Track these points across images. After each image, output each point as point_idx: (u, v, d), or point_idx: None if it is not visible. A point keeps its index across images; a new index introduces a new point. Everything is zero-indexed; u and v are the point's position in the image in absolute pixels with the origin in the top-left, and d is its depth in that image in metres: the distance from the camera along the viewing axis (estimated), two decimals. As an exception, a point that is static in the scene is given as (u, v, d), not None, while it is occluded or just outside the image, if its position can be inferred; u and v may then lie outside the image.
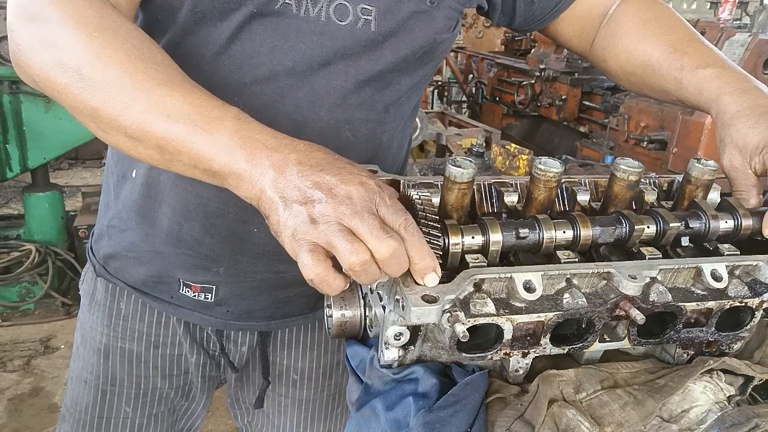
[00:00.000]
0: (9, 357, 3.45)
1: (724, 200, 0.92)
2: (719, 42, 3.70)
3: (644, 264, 0.79)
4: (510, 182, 0.99)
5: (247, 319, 1.18)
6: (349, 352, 0.96)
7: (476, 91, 7.14)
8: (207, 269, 1.10)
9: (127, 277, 1.19)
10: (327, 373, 1.33)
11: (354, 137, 1.01)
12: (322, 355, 1.31)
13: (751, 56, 3.53)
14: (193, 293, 1.14)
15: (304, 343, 1.29)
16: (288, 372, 1.31)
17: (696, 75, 1.00)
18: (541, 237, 0.81)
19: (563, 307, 0.75)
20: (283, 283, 1.14)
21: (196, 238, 1.06)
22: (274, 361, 1.31)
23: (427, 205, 0.77)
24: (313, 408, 1.35)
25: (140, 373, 1.26)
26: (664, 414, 0.77)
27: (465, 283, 0.72)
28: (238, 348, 1.27)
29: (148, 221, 1.10)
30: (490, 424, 0.76)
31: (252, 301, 1.16)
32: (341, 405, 1.39)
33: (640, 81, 1.14)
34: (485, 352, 0.76)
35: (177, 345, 1.24)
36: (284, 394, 1.34)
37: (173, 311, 1.19)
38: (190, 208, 1.03)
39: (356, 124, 1.00)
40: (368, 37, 0.95)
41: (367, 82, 0.99)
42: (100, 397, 1.26)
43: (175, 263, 1.11)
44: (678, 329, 0.81)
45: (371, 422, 0.83)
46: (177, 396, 1.32)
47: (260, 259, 1.08)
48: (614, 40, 1.15)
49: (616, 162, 0.87)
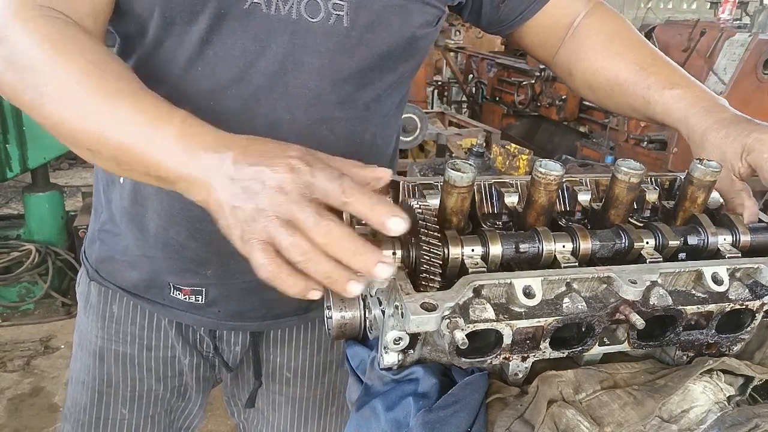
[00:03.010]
0: (9, 357, 3.46)
1: (725, 215, 0.92)
2: (719, 42, 3.71)
3: (645, 268, 0.79)
4: (510, 182, 0.99)
5: (239, 319, 1.18)
6: (349, 353, 0.96)
7: (476, 91, 7.15)
8: (195, 272, 1.11)
9: (119, 280, 1.20)
10: (320, 372, 1.34)
11: (334, 136, 1.00)
12: (315, 354, 1.32)
13: (751, 56, 3.54)
14: (184, 296, 1.14)
15: (297, 342, 1.29)
16: (281, 370, 1.32)
17: (663, 95, 1.02)
18: (541, 250, 0.82)
19: (563, 312, 0.75)
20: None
21: (182, 243, 1.07)
22: (267, 360, 1.31)
23: (427, 216, 0.77)
24: (306, 405, 1.36)
25: (135, 376, 1.27)
26: (664, 414, 0.77)
27: (464, 289, 0.72)
28: (232, 348, 1.27)
29: (137, 226, 1.10)
30: (489, 424, 0.76)
31: (242, 303, 1.16)
32: (336, 403, 1.39)
33: (606, 97, 1.15)
34: (485, 357, 0.76)
35: (170, 347, 1.25)
36: (278, 392, 1.35)
37: (165, 313, 1.20)
38: (174, 213, 1.04)
39: (335, 123, 0.99)
40: (342, 34, 0.93)
41: (345, 80, 0.97)
42: (96, 398, 1.27)
43: (164, 267, 1.12)
44: (678, 332, 0.81)
45: (371, 422, 0.83)
46: (173, 397, 1.32)
47: (246, 260, 1.07)
48: (579, 56, 1.16)
49: (617, 164, 0.87)
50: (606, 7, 1.20)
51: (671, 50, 4.03)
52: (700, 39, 3.81)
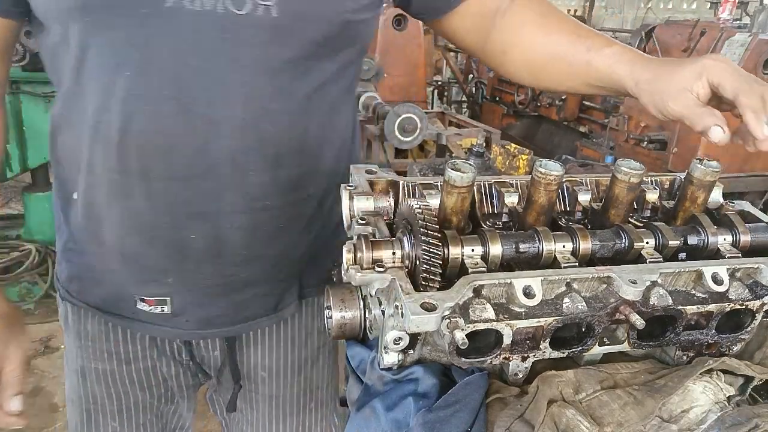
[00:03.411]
0: (9, 357, 3.45)
1: (725, 216, 0.92)
2: (719, 42, 3.71)
3: (645, 268, 0.79)
4: (510, 182, 0.99)
5: (208, 326, 1.17)
6: (350, 353, 0.96)
7: (476, 91, 7.15)
8: (157, 281, 1.09)
9: (88, 298, 1.19)
10: (295, 369, 1.33)
11: (275, 129, 0.98)
12: (289, 352, 1.31)
13: (751, 56, 3.53)
14: (150, 307, 1.12)
15: (270, 341, 1.28)
16: (256, 369, 1.31)
17: (604, 53, 1.02)
18: (541, 250, 0.82)
19: (563, 312, 0.75)
20: (237, 286, 1.12)
21: (139, 252, 1.05)
22: (242, 360, 1.30)
23: (427, 216, 0.77)
24: (284, 403, 1.36)
25: (118, 390, 1.26)
26: (664, 414, 0.77)
27: (464, 289, 0.72)
28: (210, 353, 1.27)
29: (95, 240, 1.09)
30: (489, 424, 0.76)
31: (209, 308, 1.14)
32: (314, 399, 1.39)
33: (543, 72, 1.14)
34: (485, 357, 0.76)
35: (148, 358, 1.24)
36: (254, 391, 1.34)
37: (136, 327, 1.18)
38: (126, 222, 1.02)
39: (275, 115, 0.97)
40: (271, 24, 0.91)
41: (281, 71, 0.95)
42: (85, 417, 1.28)
43: (127, 279, 1.10)
44: (678, 332, 0.81)
45: (371, 422, 0.83)
46: (161, 403, 1.32)
47: (205, 264, 1.06)
48: (515, 32, 1.15)
49: (617, 164, 0.87)
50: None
51: (671, 50, 4.03)
52: (700, 39, 3.81)
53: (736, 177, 3.68)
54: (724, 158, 3.42)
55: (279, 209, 1.05)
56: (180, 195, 0.98)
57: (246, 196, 1.00)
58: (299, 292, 1.24)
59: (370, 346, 0.92)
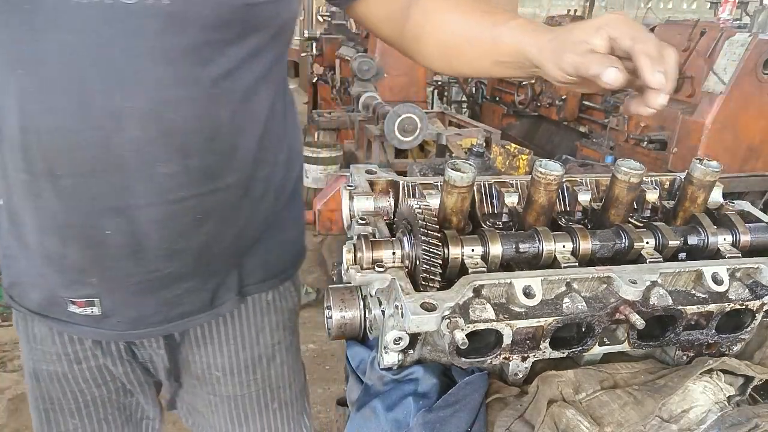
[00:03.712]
0: (9, 357, 3.46)
1: (725, 216, 0.92)
2: (719, 42, 3.71)
3: (645, 268, 0.79)
4: (510, 182, 0.99)
5: (141, 326, 1.14)
6: (350, 353, 0.96)
7: (476, 91, 7.15)
8: (82, 282, 1.07)
9: (26, 302, 1.18)
10: (249, 368, 1.30)
11: (181, 118, 0.95)
12: (240, 350, 1.28)
13: (751, 56, 3.53)
14: (80, 309, 1.10)
15: (219, 339, 1.26)
16: (209, 370, 1.29)
17: (509, 25, 1.01)
18: (541, 250, 0.82)
19: (563, 312, 0.75)
20: (165, 282, 1.09)
21: (60, 253, 1.03)
22: (194, 361, 1.28)
23: (427, 215, 0.77)
24: (243, 404, 1.33)
25: (73, 389, 1.25)
26: (664, 414, 0.77)
27: (464, 289, 0.72)
28: (156, 351, 1.24)
29: (22, 244, 1.08)
30: (489, 424, 0.76)
31: (139, 307, 1.11)
32: (277, 399, 1.36)
33: (454, 55, 1.13)
34: (485, 357, 0.76)
35: (97, 357, 1.22)
36: (212, 392, 1.32)
37: (72, 330, 1.17)
38: (43, 224, 1.01)
39: (179, 104, 0.95)
40: (163, 12, 0.88)
41: (180, 59, 0.92)
42: (44, 417, 1.27)
43: (55, 281, 1.09)
44: (678, 332, 0.81)
45: (371, 422, 0.83)
46: (119, 396, 1.30)
47: (126, 261, 1.04)
48: (426, 18, 1.14)
49: (617, 164, 0.87)
50: None
51: (671, 50, 4.03)
52: (700, 39, 3.81)
53: (736, 177, 3.68)
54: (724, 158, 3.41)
55: (195, 199, 1.02)
56: (89, 191, 0.96)
57: (157, 188, 0.98)
58: (238, 288, 1.22)
59: (370, 346, 0.92)
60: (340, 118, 5.15)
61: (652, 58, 0.79)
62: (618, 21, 0.85)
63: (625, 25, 0.84)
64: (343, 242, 0.82)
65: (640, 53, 0.80)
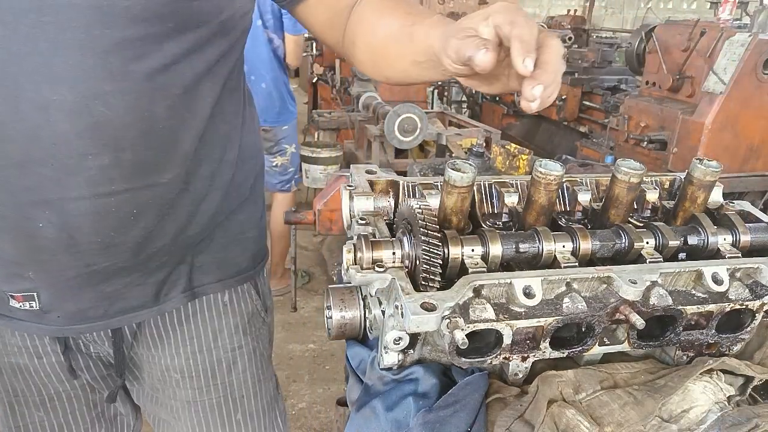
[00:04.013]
0: (9, 357, 3.45)
1: (725, 216, 0.92)
2: (719, 42, 3.70)
3: (645, 268, 0.79)
4: (510, 182, 0.99)
5: (82, 321, 1.12)
6: (350, 353, 0.96)
7: (476, 91, 7.15)
8: (19, 275, 1.06)
9: None
10: (209, 372, 1.28)
11: (111, 112, 0.94)
12: (198, 352, 1.26)
13: (751, 56, 3.53)
14: (19, 303, 1.09)
15: (175, 339, 1.24)
16: (168, 372, 1.26)
17: (424, 23, 1.00)
18: (541, 250, 0.82)
19: (563, 312, 0.75)
20: (103, 276, 1.08)
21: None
22: (153, 362, 1.26)
23: (427, 215, 0.77)
24: (204, 410, 1.30)
25: (37, 382, 1.23)
26: (664, 414, 0.77)
27: (464, 289, 0.72)
28: (101, 347, 1.22)
29: None
30: (489, 424, 0.76)
31: (77, 302, 1.10)
32: (241, 410, 1.32)
33: (380, 56, 1.12)
34: (485, 357, 0.76)
35: (57, 353, 1.20)
36: (172, 397, 1.29)
37: (14, 326, 1.15)
38: None
39: (109, 97, 0.93)
40: (91, 5, 0.87)
41: (111, 52, 0.91)
42: (9, 409, 1.25)
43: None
44: (678, 332, 0.81)
45: (371, 422, 0.83)
46: (87, 392, 1.28)
47: (61, 254, 1.02)
48: (360, 21, 1.14)
49: (617, 164, 0.87)
50: None
51: (671, 50, 4.03)
52: (700, 39, 3.80)
53: (736, 177, 3.68)
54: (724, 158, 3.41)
55: (128, 193, 1.01)
56: (20, 183, 0.95)
57: (89, 181, 0.97)
58: (188, 286, 1.19)
59: (370, 346, 0.92)
60: (340, 118, 5.15)
61: (524, 43, 0.75)
62: (503, 8, 0.81)
63: (508, 12, 0.80)
64: (343, 242, 0.82)
65: (513, 38, 0.76)
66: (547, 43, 0.78)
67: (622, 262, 0.85)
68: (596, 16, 12.58)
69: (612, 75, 5.63)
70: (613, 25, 12.77)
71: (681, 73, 3.91)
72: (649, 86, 4.20)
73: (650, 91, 4.19)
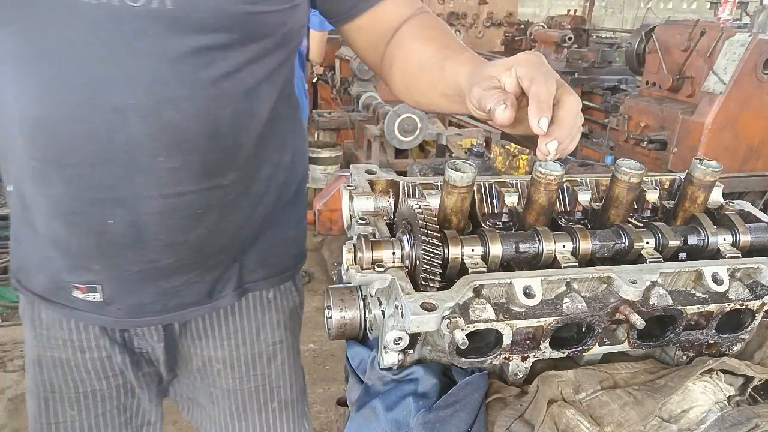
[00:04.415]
0: (9, 357, 3.46)
1: (725, 216, 0.92)
2: (719, 42, 3.71)
3: (645, 268, 0.79)
4: (510, 182, 0.99)
5: (141, 314, 1.18)
6: (350, 353, 0.96)
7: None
8: (85, 268, 1.11)
9: (33, 287, 1.21)
10: (250, 363, 1.34)
11: (181, 116, 1.00)
12: (241, 345, 1.32)
13: (751, 56, 3.53)
14: (83, 294, 1.14)
15: (221, 333, 1.30)
16: (210, 362, 1.32)
17: (456, 59, 1.04)
18: (541, 250, 0.82)
19: (563, 312, 0.75)
20: (164, 273, 1.13)
21: (65, 238, 1.08)
22: (195, 353, 1.32)
23: (427, 215, 0.77)
24: (242, 398, 1.36)
25: (75, 378, 1.27)
26: (664, 414, 0.77)
27: (464, 289, 0.72)
28: (156, 342, 1.27)
29: (30, 229, 1.12)
30: (489, 424, 0.76)
31: (138, 296, 1.15)
32: (276, 399, 1.39)
33: (412, 83, 1.16)
34: (485, 357, 0.76)
35: (102, 348, 1.25)
36: (212, 384, 1.35)
37: (75, 316, 1.20)
38: (50, 209, 1.05)
39: (180, 102, 0.99)
40: (167, 16, 0.93)
41: (181, 59, 0.97)
42: (44, 405, 1.28)
43: (60, 266, 1.13)
44: (678, 332, 0.81)
45: (371, 422, 0.83)
46: (120, 394, 1.32)
47: (127, 250, 1.08)
48: (398, 46, 1.18)
49: (617, 164, 0.87)
50: (431, 13, 1.23)
51: (671, 50, 4.03)
52: (700, 39, 3.81)
53: (736, 177, 3.68)
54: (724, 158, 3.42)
55: (194, 194, 1.06)
56: (94, 181, 1.00)
57: (158, 182, 1.02)
58: (238, 283, 1.25)
59: (370, 346, 0.92)
60: (340, 118, 5.16)
61: (540, 103, 0.78)
62: (527, 61, 0.85)
63: (530, 65, 0.84)
64: (343, 242, 0.82)
65: (531, 97, 0.80)
66: (564, 99, 0.82)
67: (622, 262, 0.85)
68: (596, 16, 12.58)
69: (612, 75, 5.64)
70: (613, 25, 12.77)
71: (681, 73, 3.91)
72: (649, 86, 4.20)
73: (650, 91, 4.19)
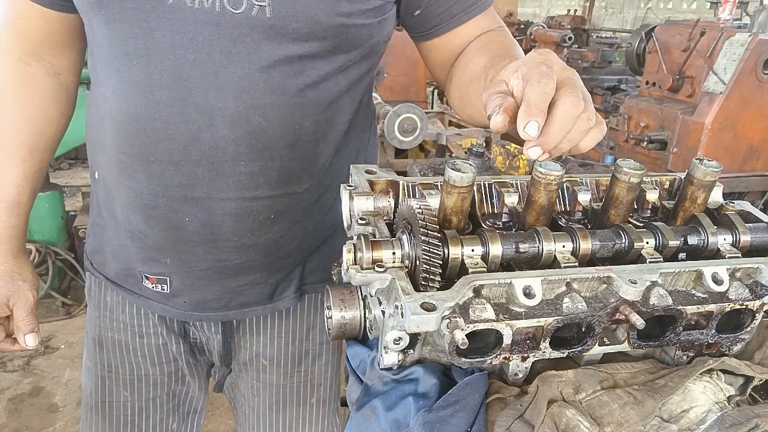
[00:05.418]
0: (9, 357, 3.46)
1: (725, 216, 0.92)
2: (719, 42, 3.70)
3: (645, 268, 0.79)
4: (510, 182, 0.99)
5: (204, 309, 1.22)
6: (350, 353, 0.96)
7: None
8: (157, 260, 1.15)
9: (106, 270, 1.28)
10: (295, 360, 1.38)
11: (267, 122, 1.02)
12: (290, 344, 1.36)
13: (751, 56, 3.53)
14: (152, 285, 1.20)
15: (271, 331, 1.34)
16: (258, 358, 1.37)
17: (497, 67, 1.00)
18: (541, 250, 0.82)
19: (563, 312, 0.75)
20: (231, 272, 1.17)
21: (142, 230, 1.12)
22: (245, 347, 1.36)
23: (427, 215, 0.77)
24: (284, 392, 1.41)
25: (131, 361, 1.33)
26: (664, 414, 0.77)
27: (464, 289, 0.72)
28: (213, 335, 1.33)
29: (112, 217, 1.18)
30: (489, 424, 0.76)
31: (204, 291, 1.19)
32: (315, 395, 1.43)
33: (465, 94, 1.14)
34: (485, 357, 0.76)
35: (160, 335, 1.31)
36: (256, 378, 1.40)
37: (142, 303, 1.26)
38: (131, 201, 1.09)
39: (267, 109, 1.01)
40: (265, 24, 0.96)
41: (273, 67, 0.99)
42: (99, 383, 1.35)
43: (134, 256, 1.18)
44: (678, 332, 0.81)
45: (371, 422, 0.83)
46: (171, 381, 1.38)
47: (199, 247, 1.12)
48: (459, 59, 1.20)
49: (618, 163, 0.87)
50: (504, 29, 1.22)
51: (671, 50, 4.03)
52: (700, 39, 3.80)
53: (736, 177, 3.68)
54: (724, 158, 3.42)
55: (270, 200, 1.09)
56: (175, 179, 1.03)
57: (237, 185, 1.05)
58: (298, 286, 1.28)
59: (370, 346, 0.92)
60: (340, 118, 5.15)
61: (528, 106, 0.74)
62: (530, 60, 0.82)
63: (530, 64, 0.80)
64: (343, 242, 0.82)
65: (523, 99, 0.76)
66: (560, 101, 0.76)
67: (622, 262, 0.85)
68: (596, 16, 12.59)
69: (612, 75, 5.64)
70: (613, 25, 12.77)
71: (681, 73, 3.91)
72: (649, 86, 4.20)
73: (650, 91, 4.19)
